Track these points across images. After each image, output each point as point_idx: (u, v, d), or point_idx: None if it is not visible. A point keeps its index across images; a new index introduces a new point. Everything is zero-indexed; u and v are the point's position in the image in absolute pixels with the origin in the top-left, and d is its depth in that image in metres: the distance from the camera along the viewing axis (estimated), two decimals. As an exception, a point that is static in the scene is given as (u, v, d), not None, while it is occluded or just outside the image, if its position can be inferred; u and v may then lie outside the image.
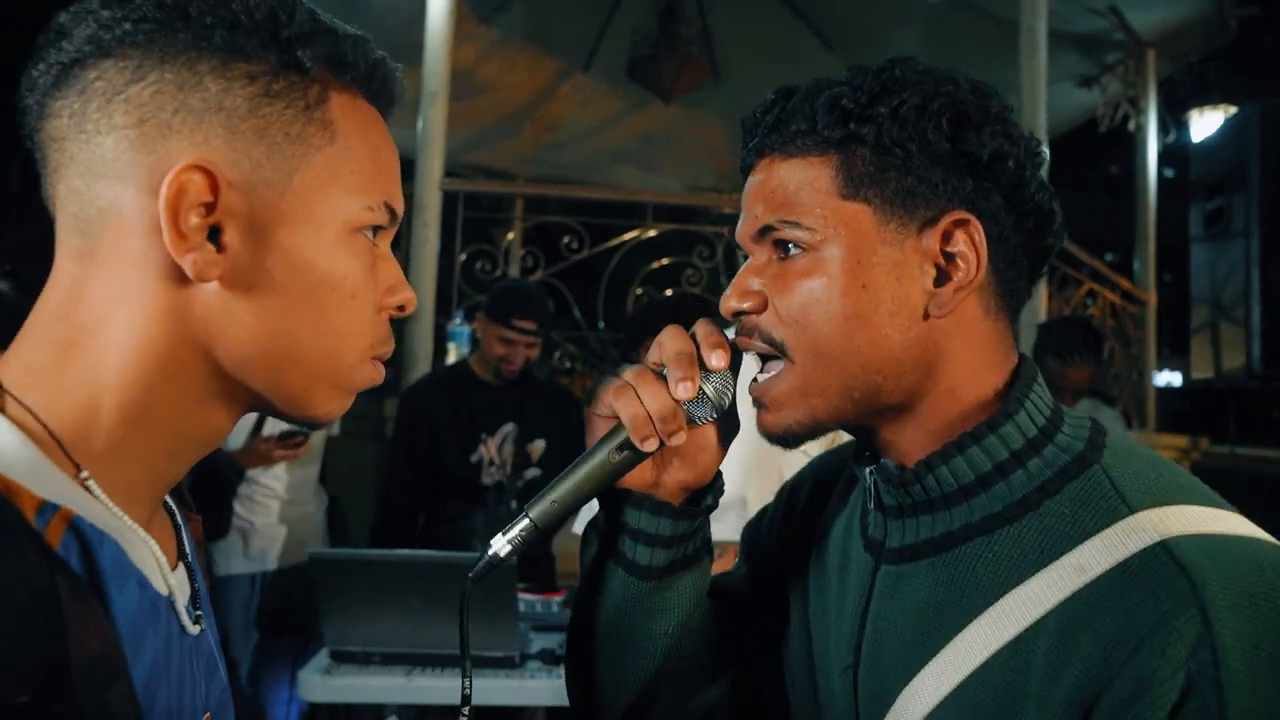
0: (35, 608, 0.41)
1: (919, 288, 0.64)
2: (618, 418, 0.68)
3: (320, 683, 1.80)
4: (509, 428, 2.58)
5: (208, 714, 0.58)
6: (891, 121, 0.63)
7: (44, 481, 0.47)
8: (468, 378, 2.61)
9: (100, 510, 0.49)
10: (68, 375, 0.50)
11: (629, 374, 0.69)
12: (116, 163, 0.50)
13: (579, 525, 1.61)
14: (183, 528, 0.61)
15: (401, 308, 0.59)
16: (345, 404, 0.58)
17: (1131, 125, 5.16)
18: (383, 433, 3.35)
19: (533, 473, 2.61)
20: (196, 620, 0.57)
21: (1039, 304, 3.99)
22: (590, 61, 5.74)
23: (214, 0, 0.51)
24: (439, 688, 1.83)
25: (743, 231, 0.69)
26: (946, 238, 0.64)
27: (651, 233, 4.14)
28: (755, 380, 0.69)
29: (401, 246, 4.01)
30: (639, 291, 4.15)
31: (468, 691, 0.64)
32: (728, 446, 0.73)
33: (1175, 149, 5.24)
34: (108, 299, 0.50)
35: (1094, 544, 0.58)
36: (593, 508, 0.76)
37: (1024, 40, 3.99)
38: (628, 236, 4.12)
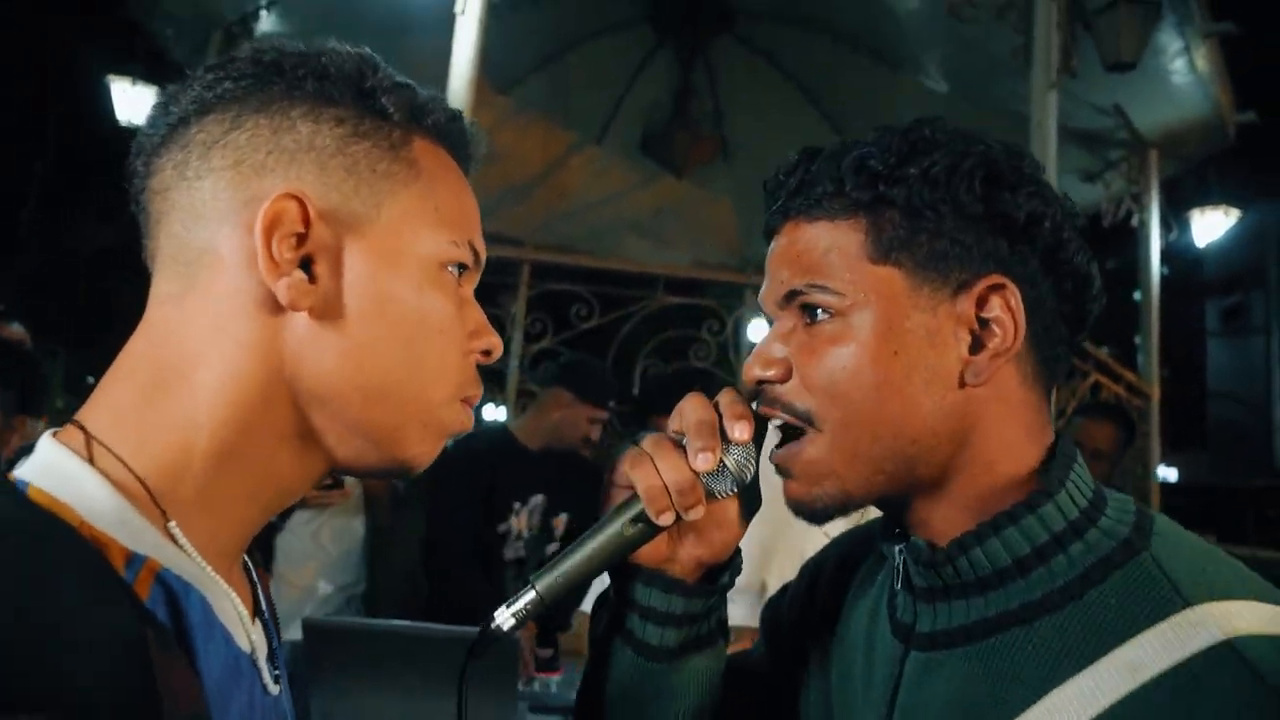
0: (128, 663, 0.41)
1: (954, 355, 0.61)
2: (633, 488, 0.65)
3: (304, 762, 1.70)
4: (538, 499, 2.53)
5: None
6: (922, 182, 0.61)
7: (132, 532, 0.47)
8: (509, 443, 2.55)
9: (186, 562, 0.49)
10: (158, 417, 0.50)
11: (647, 442, 0.66)
12: (215, 202, 0.52)
13: (587, 603, 1.55)
14: (258, 583, 0.61)
15: (487, 352, 0.59)
16: (436, 448, 0.58)
17: (1135, 221, 5.24)
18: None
19: (553, 548, 2.56)
20: (275, 679, 0.56)
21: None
22: (604, 134, 5.86)
23: (305, 56, 0.55)
24: (430, 772, 1.73)
25: (767, 296, 0.67)
26: (982, 303, 0.62)
27: (662, 304, 4.15)
28: (776, 448, 0.66)
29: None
30: (645, 365, 4.13)
31: None
32: (748, 523, 0.70)
33: (1187, 244, 5.33)
34: (200, 336, 0.51)
35: (1148, 639, 0.54)
36: (604, 581, 0.72)
37: (1034, 135, 4.07)
38: (636, 307, 4.12)
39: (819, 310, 0.63)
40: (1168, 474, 10.67)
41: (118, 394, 0.51)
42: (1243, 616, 0.53)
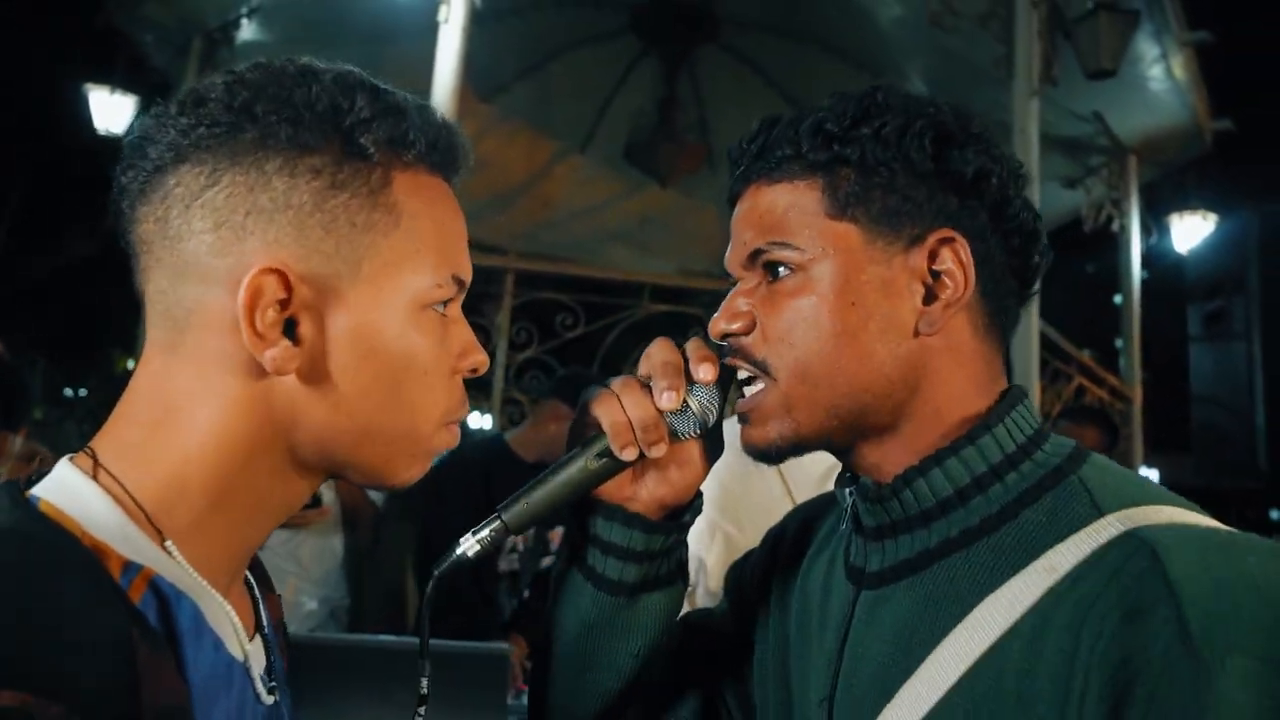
0: (114, 657, 0.44)
1: (908, 305, 0.64)
2: (598, 425, 0.67)
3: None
4: None
5: None
6: (875, 141, 0.64)
7: (130, 543, 0.51)
8: (504, 455, 2.51)
9: (181, 573, 0.53)
10: (156, 453, 0.54)
11: (615, 383, 0.69)
12: (198, 266, 0.53)
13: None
14: (260, 603, 0.64)
15: (475, 370, 0.61)
16: (425, 467, 0.61)
17: (1115, 226, 5.29)
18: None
19: (548, 561, 2.54)
20: (271, 690, 0.59)
21: (1033, 398, 4.01)
22: (588, 143, 5.86)
23: (278, 97, 0.54)
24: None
25: (732, 258, 0.69)
26: (933, 256, 0.64)
27: (647, 312, 4.14)
28: (741, 396, 0.68)
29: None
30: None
31: (424, 691, 0.66)
32: (710, 465, 0.72)
33: (1169, 249, 5.40)
34: (190, 391, 0.54)
35: (1066, 544, 0.58)
36: None
37: (1017, 142, 4.10)
38: (622, 315, 4.11)
39: (781, 267, 0.66)
40: (1150, 475, 10.80)
41: (124, 428, 0.55)
42: (1149, 516, 0.57)
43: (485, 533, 0.66)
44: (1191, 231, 5.56)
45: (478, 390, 3.96)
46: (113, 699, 0.43)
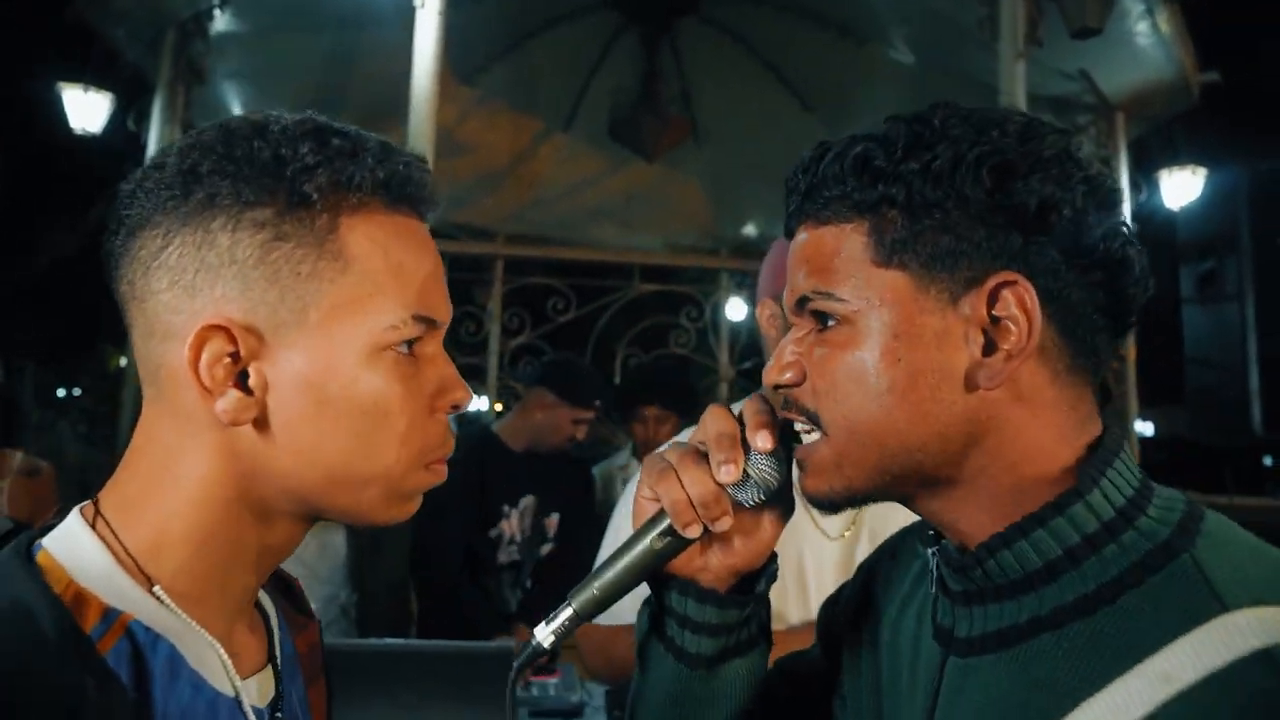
0: (55, 711, 0.48)
1: (965, 357, 0.59)
2: (660, 501, 0.66)
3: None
4: (528, 500, 2.51)
5: None
6: (923, 179, 0.59)
7: (115, 590, 0.55)
8: (494, 445, 2.51)
9: (165, 617, 0.56)
10: (146, 504, 0.58)
11: (671, 455, 0.66)
12: (160, 323, 0.57)
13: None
14: (276, 633, 0.66)
15: (456, 405, 0.61)
16: (408, 508, 0.61)
17: (1104, 184, 5.27)
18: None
19: (547, 548, 2.53)
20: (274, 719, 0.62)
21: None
22: (571, 121, 5.79)
23: (222, 154, 0.56)
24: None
25: (787, 299, 0.67)
26: (992, 301, 0.59)
27: (638, 293, 4.13)
28: (798, 441, 0.67)
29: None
30: (625, 354, 4.12)
31: None
32: (781, 529, 0.70)
33: (1161, 209, 5.38)
34: (172, 442, 0.58)
35: (1182, 647, 0.52)
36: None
37: (1003, 105, 4.08)
38: (614, 297, 4.10)
39: (828, 317, 0.62)
40: (1144, 428, 10.83)
41: (124, 480, 0.59)
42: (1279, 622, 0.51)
43: (559, 622, 0.66)
44: (1181, 187, 5.53)
45: (472, 377, 3.95)
46: None
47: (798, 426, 0.65)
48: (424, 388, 0.59)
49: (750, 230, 7.13)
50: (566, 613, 0.66)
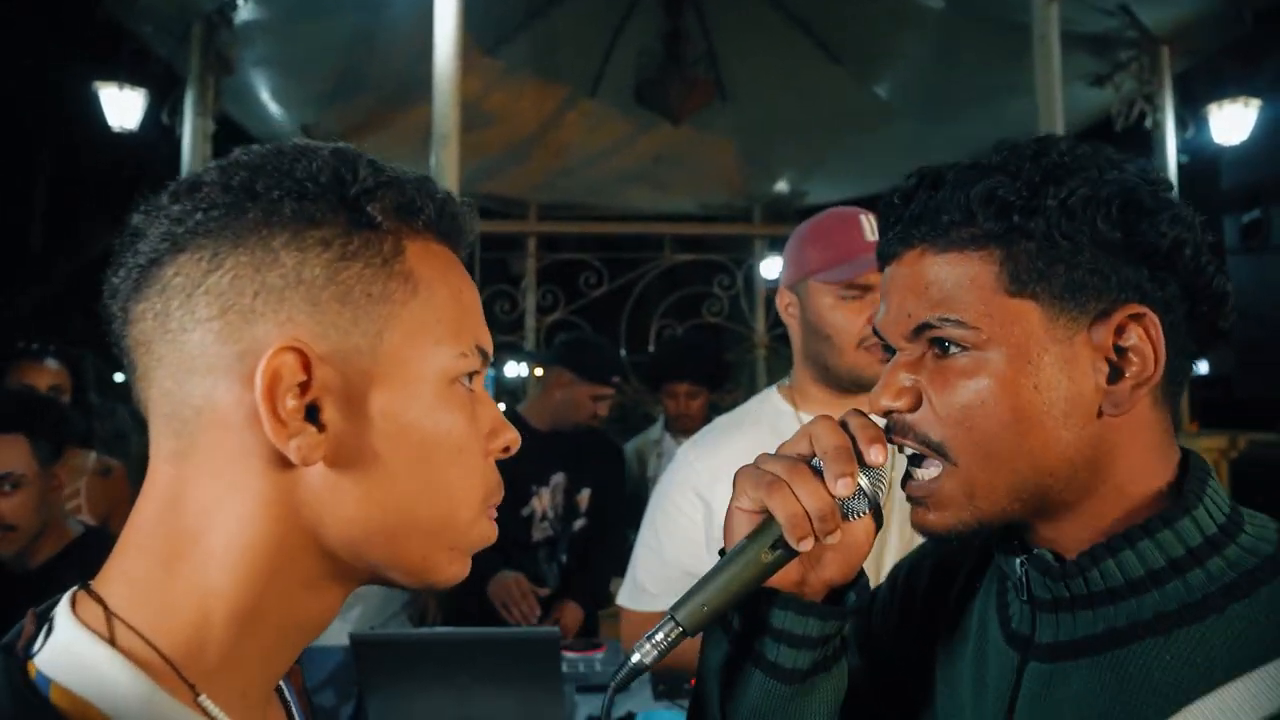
0: None
1: (1091, 385, 0.61)
2: (765, 512, 0.66)
3: (367, 764, 1.78)
4: (559, 477, 2.55)
5: None
6: (1060, 213, 0.60)
7: (158, 717, 0.46)
8: (519, 425, 2.57)
9: None
10: (174, 588, 0.48)
11: (779, 467, 0.66)
12: (205, 357, 0.49)
13: (625, 597, 1.58)
14: (293, 704, 0.61)
15: (507, 449, 0.57)
16: (466, 567, 0.56)
17: (1148, 122, 5.08)
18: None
19: (580, 523, 2.57)
20: None
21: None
22: (596, 86, 5.74)
23: (278, 172, 0.51)
24: (487, 763, 1.81)
25: (892, 328, 0.66)
26: (1120, 332, 0.61)
27: (670, 262, 4.13)
28: (912, 478, 0.66)
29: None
30: (660, 325, 4.13)
31: None
32: (874, 541, 0.70)
33: (1207, 158, 5.17)
34: (210, 499, 0.49)
35: None
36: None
37: (1037, 50, 3.95)
38: (645, 269, 4.10)
39: (951, 344, 0.62)
40: (1200, 366, 10.55)
41: (132, 564, 0.49)
42: None
43: (660, 636, 0.64)
44: (1233, 122, 5.31)
45: (512, 354, 4.01)
46: None
47: (908, 451, 0.66)
48: (481, 427, 0.55)
49: (782, 187, 7.03)
50: (669, 627, 0.64)
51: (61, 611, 0.49)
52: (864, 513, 0.67)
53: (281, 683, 0.60)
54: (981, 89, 5.13)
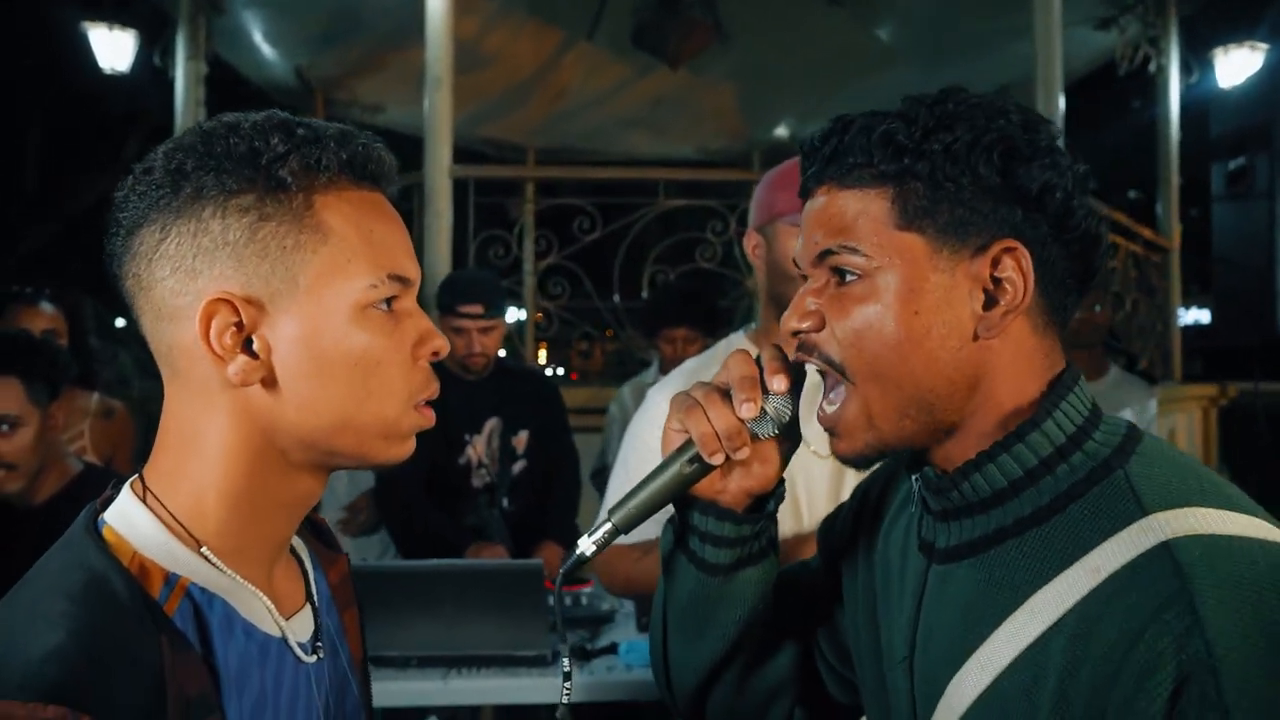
0: (145, 669, 0.56)
1: (968, 312, 0.68)
2: (688, 433, 0.75)
3: (361, 688, 1.87)
4: (493, 422, 2.53)
5: None
6: (945, 157, 0.66)
7: (172, 556, 0.63)
8: (443, 376, 2.53)
9: (215, 575, 0.64)
10: (182, 475, 0.65)
11: (698, 393, 0.76)
12: (167, 307, 0.64)
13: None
14: (310, 574, 0.75)
15: (435, 353, 0.69)
16: (406, 446, 0.69)
17: (1152, 67, 5.01)
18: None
19: (520, 465, 2.57)
20: (316, 650, 0.71)
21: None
22: (594, 29, 5.65)
23: (203, 152, 0.63)
24: (475, 688, 1.90)
25: (802, 254, 0.74)
26: (995, 264, 0.67)
27: (664, 208, 4.12)
28: (823, 409, 0.73)
29: (414, 235, 4.01)
30: (652, 271, 4.14)
31: (568, 669, 0.75)
32: (789, 457, 0.80)
33: (1196, 104, 5.09)
34: (197, 413, 0.65)
35: (1109, 546, 0.62)
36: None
37: (1038, -5, 3.87)
38: (639, 215, 4.10)
39: (847, 272, 0.69)
40: (1200, 316, 10.45)
41: (161, 455, 0.67)
42: (1187, 520, 0.61)
43: (599, 534, 0.74)
44: (1238, 66, 5.22)
45: (511, 299, 4.05)
46: (140, 700, 0.55)
47: (810, 367, 0.74)
48: (406, 340, 0.67)
49: (782, 132, 6.96)
50: (606, 526, 0.74)
51: (126, 487, 0.67)
52: (771, 433, 0.76)
53: (307, 557, 0.76)
54: (983, 33, 5.05)
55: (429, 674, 1.90)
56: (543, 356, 7.61)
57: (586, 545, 0.74)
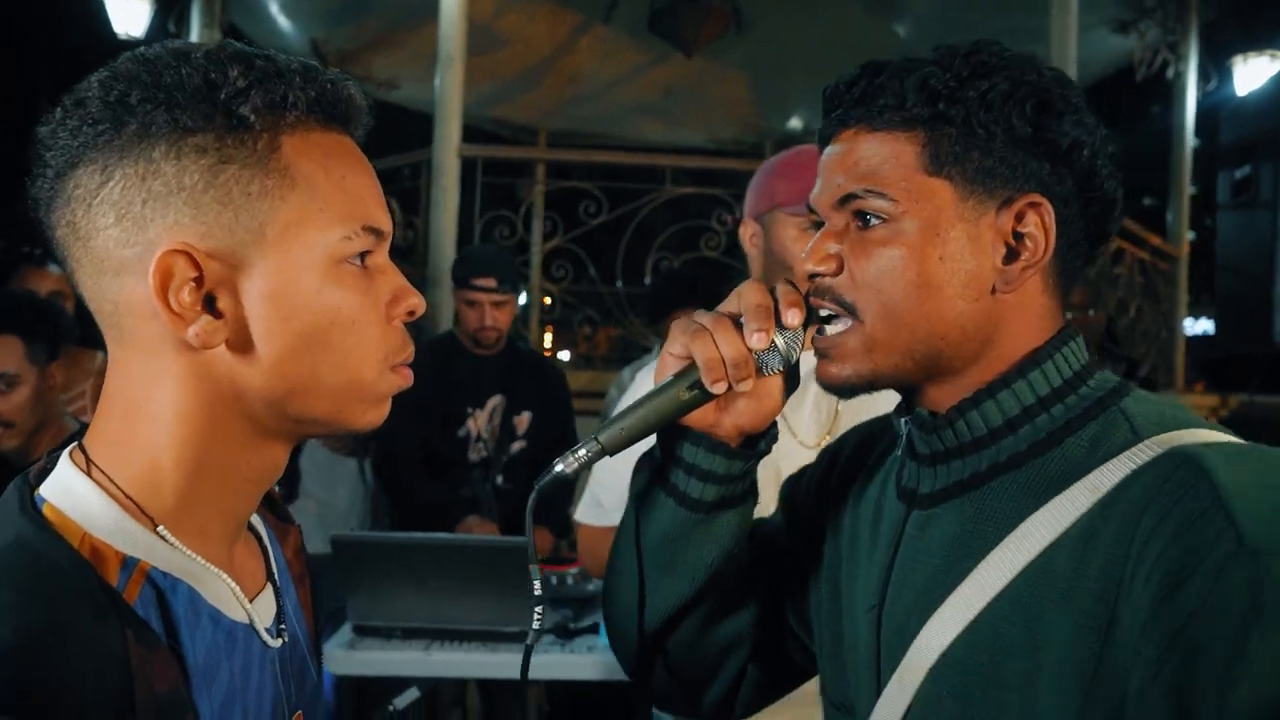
0: (110, 667, 0.49)
1: (989, 264, 0.67)
2: (689, 358, 0.72)
3: (344, 656, 1.90)
4: (497, 399, 2.56)
5: (299, 712, 0.66)
6: (980, 104, 0.66)
7: (126, 536, 0.55)
8: (454, 349, 2.55)
9: (175, 557, 0.57)
10: (131, 443, 0.57)
11: (706, 319, 0.73)
12: (111, 260, 0.55)
13: (581, 512, 1.65)
14: (270, 550, 0.68)
15: (411, 312, 0.62)
16: (382, 411, 0.62)
17: (1170, 72, 4.97)
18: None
19: (518, 445, 2.59)
20: (280, 633, 0.64)
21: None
22: (610, 13, 5.63)
23: (151, 83, 0.54)
24: (456, 661, 1.92)
25: (821, 198, 0.72)
26: (1020, 218, 0.67)
27: (670, 195, 4.12)
28: (820, 333, 0.72)
29: (421, 213, 4.03)
30: (657, 257, 4.15)
31: (538, 592, 0.69)
32: (787, 398, 0.77)
33: (1207, 112, 5.05)
34: (147, 376, 0.57)
35: (1108, 466, 0.62)
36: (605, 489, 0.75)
37: (1055, -6, 3.85)
38: (645, 201, 4.10)
39: (871, 215, 0.68)
40: (1207, 326, 10.36)
41: (104, 422, 0.58)
42: (1187, 438, 0.62)
43: (583, 452, 0.70)
44: (1257, 75, 5.17)
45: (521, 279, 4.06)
46: (110, 703, 0.48)
47: (824, 312, 0.71)
48: (380, 297, 0.60)
49: (795, 123, 6.93)
50: (591, 444, 0.70)
51: (63, 454, 0.59)
52: (778, 369, 0.73)
53: (264, 533, 0.69)
54: (1000, 31, 4.98)
55: (411, 645, 1.93)
56: (548, 340, 7.62)
57: (568, 462, 0.69)
